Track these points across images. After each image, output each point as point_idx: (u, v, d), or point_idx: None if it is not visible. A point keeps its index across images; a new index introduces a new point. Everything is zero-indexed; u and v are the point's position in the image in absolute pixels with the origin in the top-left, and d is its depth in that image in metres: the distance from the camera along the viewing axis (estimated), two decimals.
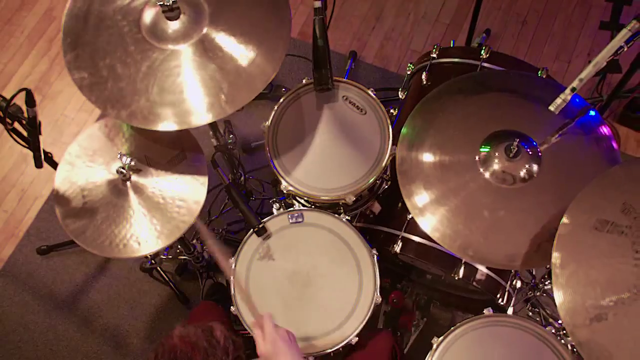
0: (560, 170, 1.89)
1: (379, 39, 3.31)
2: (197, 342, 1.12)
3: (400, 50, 3.28)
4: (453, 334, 1.96)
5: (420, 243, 2.17)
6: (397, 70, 3.22)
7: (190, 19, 1.81)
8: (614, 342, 1.51)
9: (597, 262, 1.58)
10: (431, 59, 2.42)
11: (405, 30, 3.33)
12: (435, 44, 2.44)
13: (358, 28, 3.33)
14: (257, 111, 3.12)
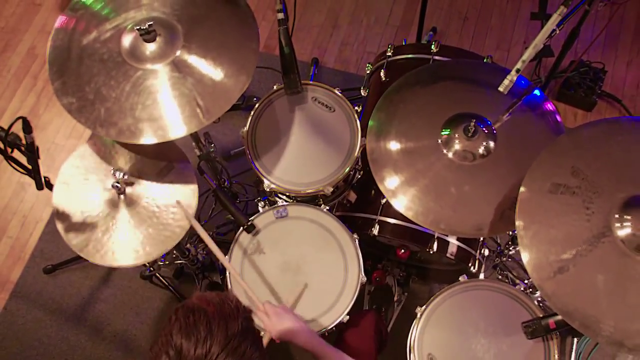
0: (514, 145, 1.90)
1: (337, 45, 3.31)
2: (211, 301, 1.13)
3: (358, 53, 3.28)
4: (434, 302, 1.96)
5: (396, 224, 2.17)
6: (357, 71, 3.22)
7: (165, 40, 1.78)
8: (575, 290, 1.53)
9: (555, 221, 1.59)
10: (387, 57, 2.42)
11: (360, 35, 3.33)
12: (389, 43, 2.44)
13: (317, 37, 3.32)
14: (232, 121, 3.10)
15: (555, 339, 1.87)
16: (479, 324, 1.92)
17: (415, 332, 1.93)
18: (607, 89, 3.09)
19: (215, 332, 1.07)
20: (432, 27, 3.25)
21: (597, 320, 1.50)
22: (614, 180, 1.61)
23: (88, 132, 3.16)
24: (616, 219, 1.57)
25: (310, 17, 3.36)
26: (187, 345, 1.06)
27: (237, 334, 1.09)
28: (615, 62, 3.19)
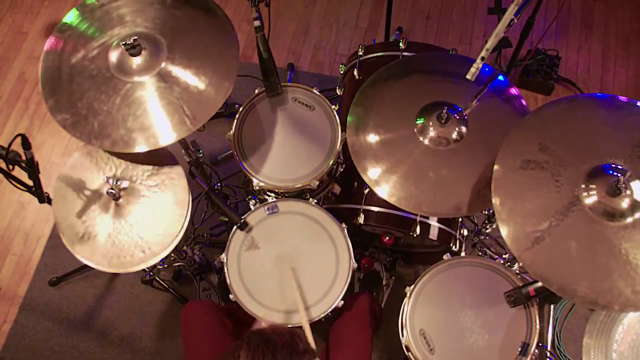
0: (484, 128, 1.91)
1: (310, 50, 3.30)
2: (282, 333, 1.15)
3: (330, 56, 3.28)
4: (422, 281, 1.96)
5: (379, 212, 2.16)
6: (331, 73, 3.21)
7: (150, 53, 1.76)
8: (552, 258, 1.55)
9: (528, 195, 1.61)
10: (359, 57, 2.42)
11: (331, 39, 3.32)
12: (360, 44, 2.43)
13: (290, 44, 3.31)
14: (217, 129, 3.07)
15: (536, 305, 1.88)
16: (464, 297, 1.92)
17: (406, 310, 1.93)
18: (562, 74, 3.13)
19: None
20: (397, 27, 3.26)
21: (573, 282, 1.52)
22: (578, 153, 1.63)
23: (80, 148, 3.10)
24: (583, 189, 1.59)
25: (283, 25, 3.35)
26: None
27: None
28: (567, 49, 3.23)
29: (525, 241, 1.57)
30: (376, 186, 1.86)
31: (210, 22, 1.84)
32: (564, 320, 2.66)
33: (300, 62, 3.26)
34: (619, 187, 1.53)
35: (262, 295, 1.93)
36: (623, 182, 1.53)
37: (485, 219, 2.51)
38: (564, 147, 1.64)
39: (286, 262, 1.97)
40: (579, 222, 1.56)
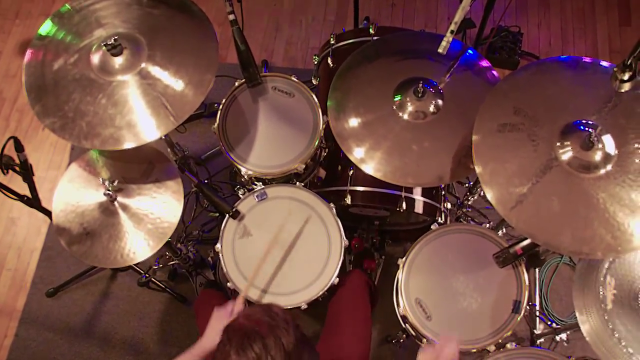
0: (460, 100, 1.95)
1: (282, 46, 3.31)
2: (260, 318, 1.06)
3: (302, 50, 3.29)
4: (413, 252, 1.98)
5: (365, 191, 2.18)
6: (304, 66, 3.23)
7: (132, 52, 1.76)
8: (536, 214, 1.59)
9: (508, 156, 1.64)
10: (331, 45, 2.43)
11: (302, 33, 3.33)
12: (331, 33, 2.45)
13: (263, 41, 3.32)
14: (198, 129, 3.07)
15: (523, 264, 1.91)
16: (455, 264, 1.95)
17: (401, 281, 1.94)
18: (525, 49, 3.18)
19: (272, 351, 1.00)
20: (365, 17, 3.28)
21: (557, 235, 1.56)
22: (550, 113, 1.68)
23: (65, 161, 3.08)
24: (558, 146, 1.63)
25: (253, 24, 3.35)
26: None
27: (294, 347, 1.03)
28: (528, 25, 3.29)
29: (509, 201, 1.61)
30: (362, 164, 1.88)
31: (187, 18, 1.85)
32: (549, 282, 2.70)
33: (273, 58, 3.26)
34: (592, 140, 1.57)
35: (260, 280, 1.93)
36: (595, 136, 1.58)
37: (467, 192, 2.54)
38: (537, 109, 1.68)
39: (279, 246, 1.98)
40: (558, 177, 1.60)
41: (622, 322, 1.71)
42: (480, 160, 1.66)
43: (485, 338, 1.86)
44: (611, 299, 1.74)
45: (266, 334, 1.01)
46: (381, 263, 2.71)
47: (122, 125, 1.70)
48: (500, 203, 1.61)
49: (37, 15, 3.50)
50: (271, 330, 1.02)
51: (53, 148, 3.12)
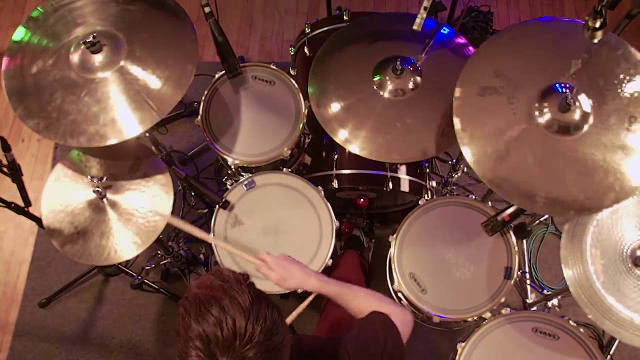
0: (438, 75, 1.99)
1: (257, 41, 3.33)
2: (212, 284, 1.04)
3: (277, 44, 3.32)
4: (403, 228, 2.02)
5: (351, 173, 2.21)
6: (281, 59, 3.25)
7: (111, 48, 1.77)
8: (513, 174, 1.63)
9: (487, 118, 1.68)
10: (307, 34, 2.44)
11: (275, 27, 3.35)
12: (306, 22, 2.46)
13: (237, 37, 3.33)
14: (179, 129, 3.08)
15: (511, 231, 1.95)
16: (445, 236, 1.99)
17: (394, 258, 1.97)
18: (497, 27, 3.23)
19: (231, 311, 0.99)
20: (337, 7, 3.30)
21: (533, 194, 1.60)
22: (529, 76, 1.71)
23: (47, 172, 3.06)
24: (536, 108, 1.67)
25: (226, 21, 3.36)
26: (210, 330, 0.97)
27: (252, 304, 1.02)
28: (497, 4, 3.35)
29: (487, 161, 1.64)
30: (348, 144, 1.90)
31: (163, 12, 1.85)
32: (537, 253, 2.75)
33: (249, 53, 3.28)
34: (568, 102, 1.61)
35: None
36: (571, 97, 1.62)
37: (450, 169, 2.58)
38: (516, 71, 1.71)
39: (271, 232, 2.00)
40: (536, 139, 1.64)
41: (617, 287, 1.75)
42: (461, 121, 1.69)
43: (480, 306, 1.90)
44: (601, 270, 1.77)
45: (221, 296, 1.01)
46: (371, 246, 2.74)
47: (106, 121, 1.70)
48: (478, 164, 1.65)
49: (7, 27, 3.47)
50: (225, 292, 1.02)
51: (34, 159, 3.10)
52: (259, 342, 0.98)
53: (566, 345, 1.81)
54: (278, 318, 1.05)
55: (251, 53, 3.28)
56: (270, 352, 1.01)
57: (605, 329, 1.72)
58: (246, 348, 0.97)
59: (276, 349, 1.02)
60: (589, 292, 1.75)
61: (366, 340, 1.36)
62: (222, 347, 0.96)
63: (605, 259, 1.78)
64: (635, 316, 1.71)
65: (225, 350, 0.96)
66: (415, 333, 2.57)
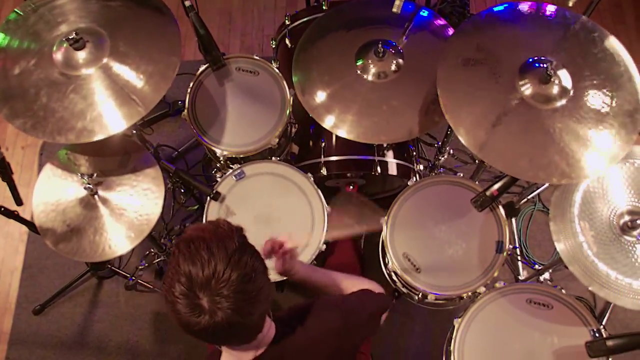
0: (420, 57, 2.02)
1: (237, 37, 3.34)
2: (205, 228, 1.15)
3: (258, 39, 3.33)
4: (394, 209, 2.03)
5: (339, 160, 2.23)
6: (262, 53, 3.20)
7: (95, 44, 1.78)
8: (495, 143, 1.66)
9: (471, 89, 1.72)
10: (287, 26, 2.47)
11: (255, 23, 3.37)
12: (286, 14, 2.48)
13: (218, 35, 3.34)
14: (165, 129, 3.09)
15: (500, 206, 1.98)
16: (436, 215, 2.01)
17: (386, 239, 1.99)
18: (473, 11, 3.27)
19: (216, 253, 1.08)
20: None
21: (516, 161, 1.65)
22: (511, 50, 1.76)
23: (34, 178, 3.01)
24: (518, 80, 1.72)
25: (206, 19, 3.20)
26: (194, 270, 1.07)
27: (236, 249, 1.11)
28: None
29: (471, 131, 1.68)
30: (336, 129, 1.92)
31: (144, 7, 1.86)
32: (527, 231, 2.79)
33: (230, 50, 3.29)
34: (548, 73, 1.66)
35: None
36: (551, 69, 1.66)
37: (436, 152, 2.61)
38: (498, 45, 1.76)
39: (264, 221, 2.01)
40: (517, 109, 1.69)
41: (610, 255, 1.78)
42: (445, 93, 1.72)
43: (474, 281, 1.92)
44: (593, 242, 1.80)
45: (210, 240, 1.10)
46: (363, 234, 2.75)
47: (94, 117, 1.71)
48: (463, 134, 1.68)
49: None
50: (215, 236, 1.12)
51: (20, 167, 3.08)
52: (234, 284, 1.08)
53: (560, 314, 1.83)
54: (259, 267, 1.16)
55: (232, 50, 3.29)
56: (245, 295, 1.10)
57: (604, 297, 1.75)
58: (220, 286, 1.07)
59: (251, 294, 1.12)
60: (584, 264, 1.78)
61: (354, 306, 1.45)
62: (201, 284, 1.07)
63: (594, 230, 1.81)
64: (633, 281, 1.74)
65: (203, 287, 1.07)
66: (411, 316, 2.65)
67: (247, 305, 1.11)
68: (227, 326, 1.10)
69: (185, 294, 1.07)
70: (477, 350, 1.80)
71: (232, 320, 1.09)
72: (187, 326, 1.10)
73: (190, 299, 1.07)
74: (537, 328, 1.82)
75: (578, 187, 1.85)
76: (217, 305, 1.07)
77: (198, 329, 1.09)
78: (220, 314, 1.08)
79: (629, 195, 1.85)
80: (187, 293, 1.07)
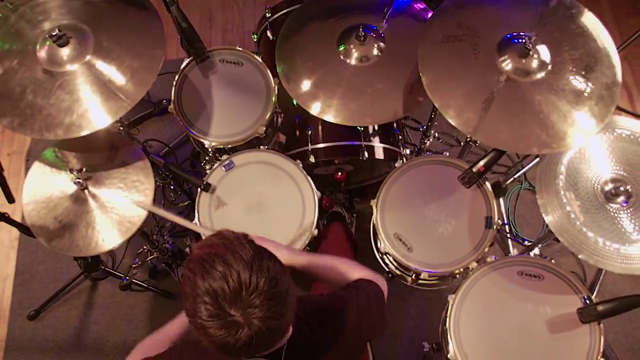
0: (401, 39, 2.04)
1: (219, 34, 3.37)
2: (213, 243, 1.09)
3: (239, 35, 3.36)
4: (383, 191, 2.05)
5: (326, 146, 2.27)
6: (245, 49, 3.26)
7: (78, 41, 1.79)
8: (475, 115, 1.70)
9: (451, 64, 1.76)
10: (268, 19, 2.48)
11: (236, 19, 3.39)
12: (266, 7, 2.49)
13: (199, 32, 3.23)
14: (151, 129, 3.09)
15: (487, 182, 2.02)
16: (425, 194, 2.04)
17: (377, 221, 2.01)
18: None
19: (234, 264, 1.03)
20: None
21: (496, 133, 1.69)
22: (490, 26, 1.80)
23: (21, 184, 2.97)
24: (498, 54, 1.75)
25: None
26: (218, 285, 1.01)
27: (254, 256, 1.06)
28: None
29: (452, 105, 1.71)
30: (322, 114, 1.94)
31: (126, 1, 1.87)
32: (515, 210, 2.84)
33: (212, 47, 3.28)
34: (527, 47, 1.70)
35: None
36: (529, 43, 1.70)
37: (422, 136, 2.64)
38: (477, 22, 1.80)
39: (255, 210, 2.02)
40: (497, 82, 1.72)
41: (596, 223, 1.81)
42: (426, 69, 1.75)
43: (466, 257, 1.95)
44: (580, 211, 1.84)
45: (223, 252, 1.05)
46: (354, 222, 2.78)
47: (81, 112, 1.72)
48: (443, 107, 1.72)
49: None
50: (227, 248, 1.06)
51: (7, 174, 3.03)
52: (264, 291, 1.03)
53: (551, 283, 1.87)
54: (280, 269, 1.10)
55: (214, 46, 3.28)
56: (276, 300, 1.05)
57: (594, 264, 1.78)
58: (252, 296, 1.01)
59: (281, 297, 1.06)
60: (572, 233, 1.81)
61: (366, 305, 1.42)
62: (230, 299, 1.01)
63: (580, 200, 1.85)
64: (620, 246, 1.78)
65: (233, 302, 1.01)
66: (406, 300, 2.67)
67: (280, 308, 1.06)
68: (267, 333, 1.05)
69: (216, 315, 1.01)
70: (472, 325, 1.83)
71: (271, 326, 1.05)
72: (226, 347, 1.04)
73: (222, 319, 1.02)
74: (529, 299, 1.85)
75: (561, 159, 1.89)
76: (252, 316, 1.02)
77: (239, 346, 1.03)
78: (257, 322, 1.02)
79: (611, 164, 1.88)
80: (217, 313, 1.01)
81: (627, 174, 1.87)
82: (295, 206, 2.02)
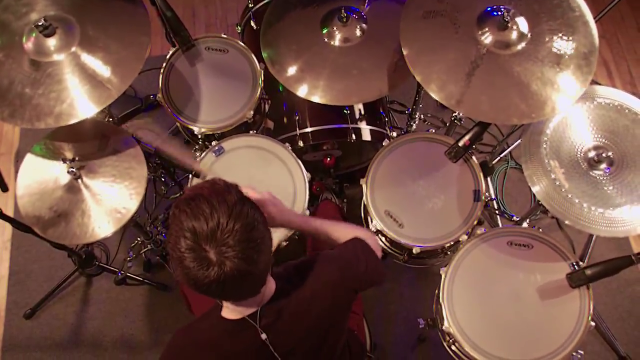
0: (383, 20, 2.08)
1: (202, 29, 3.38)
2: (202, 185, 1.18)
3: (223, 28, 3.38)
4: (372, 169, 2.08)
5: (314, 130, 2.29)
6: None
7: (64, 30, 1.81)
8: (456, 88, 1.74)
9: (433, 39, 1.80)
10: (250, 9, 2.50)
11: (219, 13, 3.41)
12: None
13: None
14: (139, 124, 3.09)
15: (473, 156, 2.05)
16: (413, 171, 2.07)
17: (367, 199, 2.04)
18: None
19: (217, 207, 1.11)
20: None
21: (477, 104, 1.74)
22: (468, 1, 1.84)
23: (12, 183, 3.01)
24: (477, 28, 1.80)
25: None
26: (198, 225, 1.09)
27: (236, 202, 1.14)
28: None
29: (435, 79, 1.76)
30: (310, 96, 1.98)
31: None
32: (502, 188, 2.88)
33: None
34: (505, 20, 1.74)
35: None
36: (507, 16, 1.74)
37: (408, 119, 2.68)
38: None
39: None
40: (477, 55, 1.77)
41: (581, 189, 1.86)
42: (407, 44, 1.80)
43: (456, 230, 1.99)
44: (564, 179, 1.88)
45: (209, 195, 1.13)
46: (344, 207, 2.81)
47: (70, 101, 1.74)
48: (425, 81, 1.76)
49: None
50: (213, 191, 1.15)
51: None
52: (239, 232, 1.11)
53: (540, 252, 1.90)
54: (260, 217, 1.19)
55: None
56: (249, 243, 1.13)
57: (581, 229, 1.83)
58: (227, 236, 1.10)
59: (255, 242, 1.14)
60: (558, 201, 1.85)
61: (350, 259, 1.47)
62: (207, 237, 1.10)
63: (564, 168, 1.89)
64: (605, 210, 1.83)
65: (209, 239, 1.10)
66: (399, 281, 2.71)
67: (253, 253, 1.14)
68: (236, 275, 1.12)
69: (192, 248, 1.09)
70: (466, 296, 1.87)
71: (241, 269, 1.12)
72: (196, 281, 1.12)
73: (197, 253, 1.09)
74: (520, 268, 1.89)
75: (545, 129, 1.93)
76: (224, 255, 1.09)
77: (208, 281, 1.11)
78: (229, 263, 1.10)
79: (592, 132, 1.93)
80: (193, 247, 1.09)
81: (609, 141, 1.92)
82: (287, 188, 2.05)
